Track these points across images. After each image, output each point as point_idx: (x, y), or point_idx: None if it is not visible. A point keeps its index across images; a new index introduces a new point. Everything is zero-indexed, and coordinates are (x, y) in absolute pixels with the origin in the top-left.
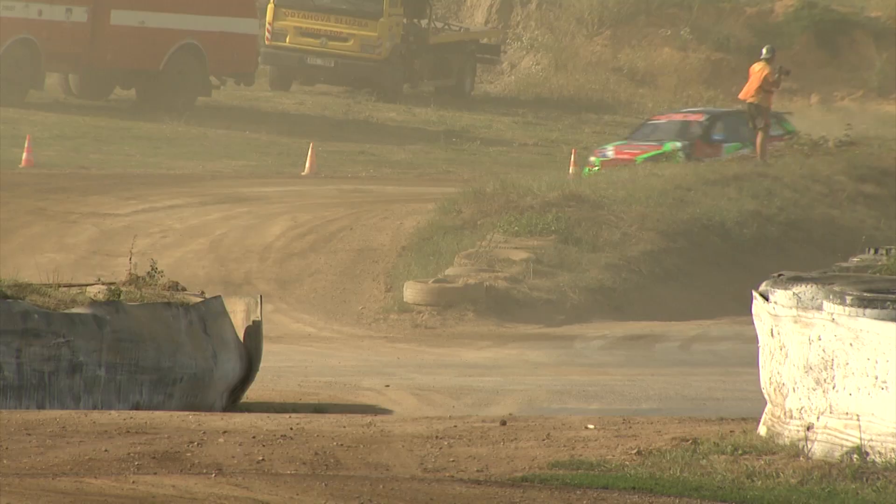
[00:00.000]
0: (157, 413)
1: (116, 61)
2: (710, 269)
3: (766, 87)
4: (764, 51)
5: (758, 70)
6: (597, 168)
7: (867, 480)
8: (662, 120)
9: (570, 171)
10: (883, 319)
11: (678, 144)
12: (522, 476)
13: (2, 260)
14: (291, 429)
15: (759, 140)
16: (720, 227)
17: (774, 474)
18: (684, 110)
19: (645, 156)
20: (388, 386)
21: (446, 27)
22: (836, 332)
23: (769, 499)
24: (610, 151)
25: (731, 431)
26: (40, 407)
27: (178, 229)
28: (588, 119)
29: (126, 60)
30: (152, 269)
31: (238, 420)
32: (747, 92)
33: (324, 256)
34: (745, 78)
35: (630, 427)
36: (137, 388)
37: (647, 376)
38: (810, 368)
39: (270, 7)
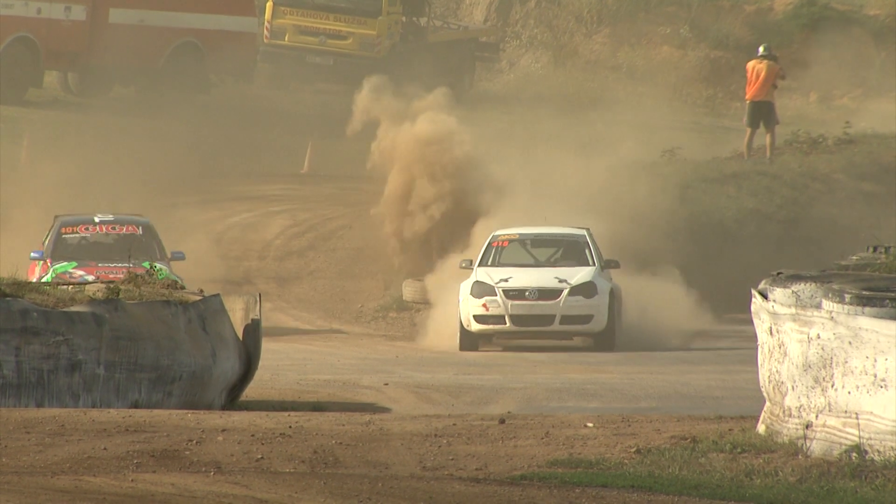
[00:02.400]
0: (156, 411)
1: (115, 59)
2: (709, 266)
3: (775, 85)
4: (761, 49)
5: (765, 68)
6: None
7: (866, 478)
8: (83, 233)
9: None
10: (882, 318)
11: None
12: (521, 474)
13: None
14: (290, 427)
15: (769, 139)
16: (719, 224)
17: (773, 472)
18: (98, 219)
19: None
20: (387, 384)
21: (445, 25)
22: (835, 331)
23: (768, 497)
24: None
25: (729, 430)
26: (39, 405)
27: (177, 227)
28: (587, 118)
29: (125, 59)
30: (151, 268)
31: (237, 418)
32: (760, 91)
33: (323, 255)
34: (744, 76)
35: (629, 425)
36: (136, 386)
37: (645, 374)
38: (809, 367)
39: (269, 5)
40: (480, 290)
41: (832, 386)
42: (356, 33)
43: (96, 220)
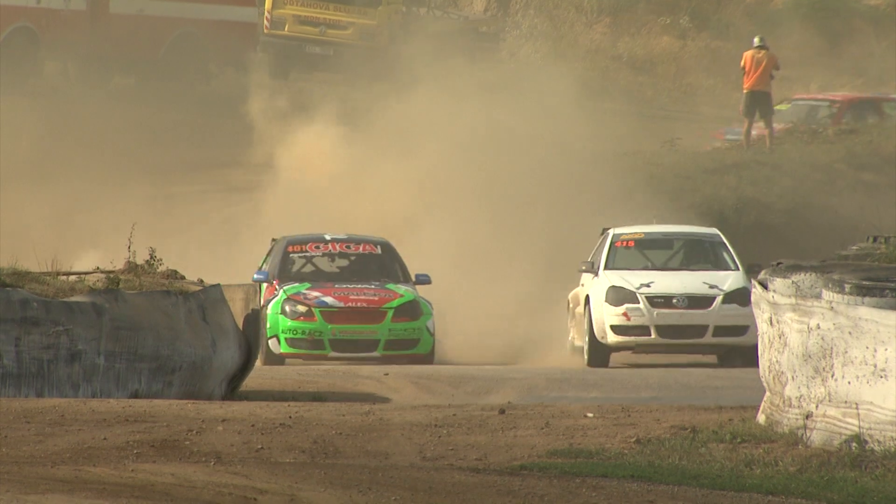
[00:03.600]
0: (156, 401)
1: (115, 49)
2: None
3: (772, 75)
4: (756, 40)
5: (765, 58)
6: None
7: (866, 468)
8: (312, 252)
9: None
10: (882, 308)
11: None
12: (521, 464)
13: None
14: (290, 417)
15: (767, 129)
16: (719, 214)
17: (773, 462)
18: (329, 238)
19: (395, 304)
20: (387, 374)
21: (445, 15)
22: (835, 321)
23: (768, 487)
24: None
25: (729, 420)
26: (39, 395)
27: (178, 217)
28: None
29: (125, 49)
30: (151, 258)
31: (237, 408)
32: (759, 81)
33: None
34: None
35: (629, 415)
36: (136, 376)
37: (645, 365)
38: (809, 357)
39: None
40: (618, 296)
41: (832, 376)
42: (356, 23)
43: (327, 237)
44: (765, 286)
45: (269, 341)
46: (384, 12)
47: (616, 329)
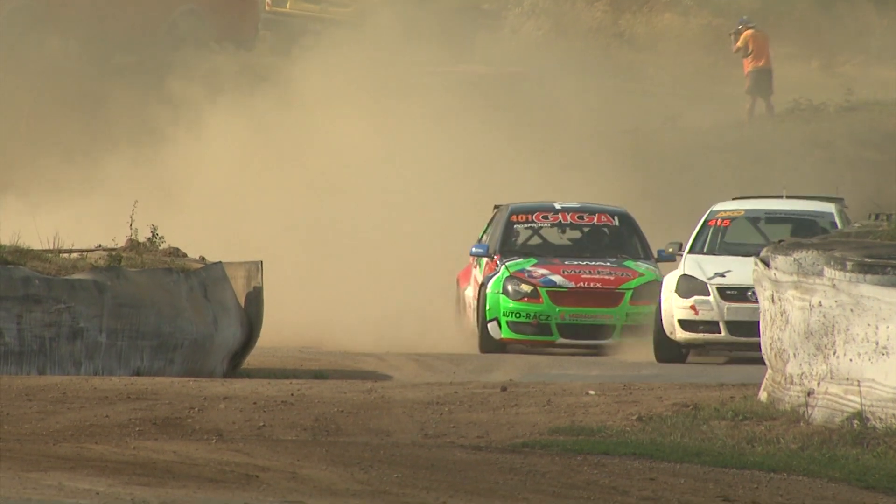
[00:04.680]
0: (158, 379)
1: (116, 27)
2: None
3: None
4: (746, 18)
5: (764, 36)
6: None
7: (867, 446)
8: (539, 223)
9: None
10: (883, 285)
11: None
12: (523, 442)
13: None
14: (292, 395)
15: (768, 106)
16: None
17: (775, 440)
18: (559, 206)
19: (634, 284)
20: (388, 352)
21: None
22: (837, 298)
23: (770, 464)
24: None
25: (731, 397)
26: (41, 373)
27: (180, 194)
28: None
29: (126, 26)
30: (153, 235)
31: (239, 386)
32: (766, 59)
33: None
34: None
35: (630, 393)
36: (138, 353)
37: (647, 343)
38: (811, 334)
39: None
40: (688, 286)
41: (834, 353)
42: (341, 14)
43: (557, 206)
44: (766, 263)
45: (489, 325)
46: (364, 4)
47: (684, 324)
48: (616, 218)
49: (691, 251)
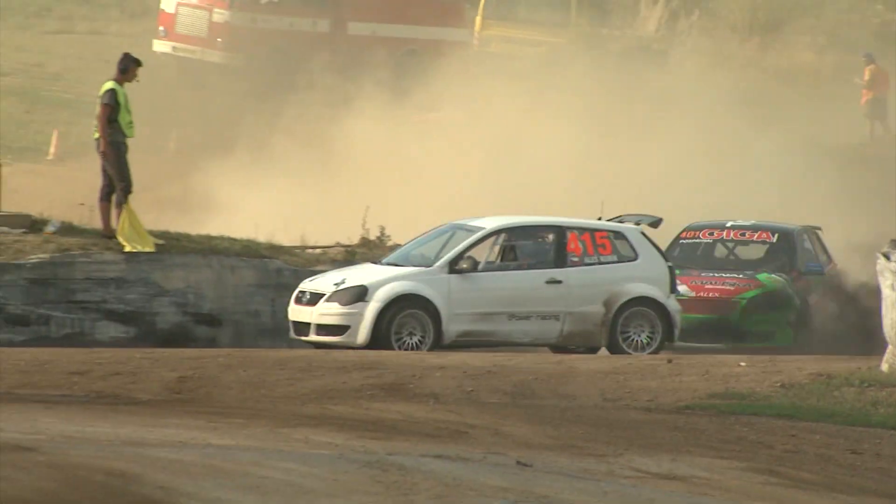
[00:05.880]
0: (385, 352)
1: (353, 66)
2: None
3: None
4: (868, 56)
5: (882, 71)
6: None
7: None
8: (705, 239)
9: None
10: None
11: (782, 277)
12: (685, 405)
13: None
14: (495, 365)
15: (885, 127)
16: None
17: (895, 403)
18: (730, 224)
19: (750, 294)
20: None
21: (622, 35)
22: None
23: (891, 423)
24: (682, 286)
25: (858, 368)
26: (290, 346)
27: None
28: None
29: (360, 65)
30: (381, 234)
31: (451, 358)
32: (884, 89)
33: None
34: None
35: (775, 365)
36: None
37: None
38: None
39: (478, 19)
40: None
41: None
42: (549, 42)
43: (728, 224)
44: (888, 257)
45: None
46: (571, 32)
47: None
48: (776, 235)
49: None
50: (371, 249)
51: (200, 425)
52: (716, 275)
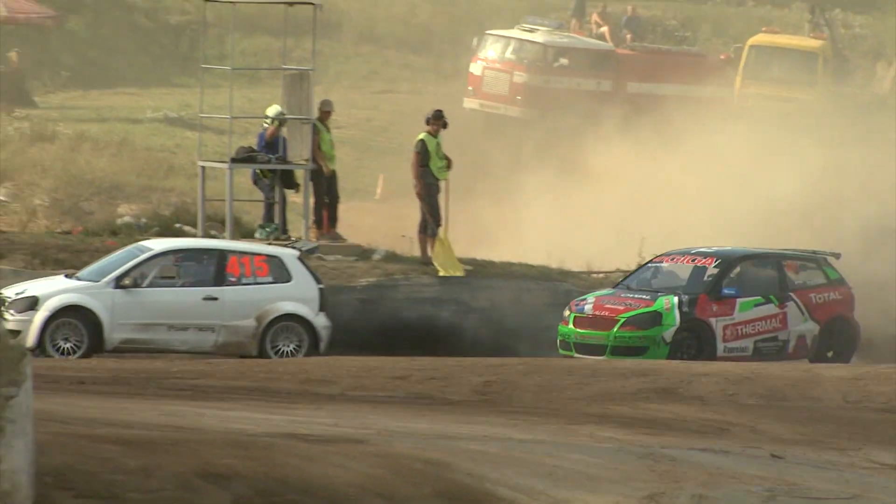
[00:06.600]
0: (659, 362)
1: (630, 118)
2: None
3: None
4: None
5: None
6: (570, 328)
7: None
8: (665, 263)
9: None
10: None
11: (674, 300)
12: None
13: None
14: (752, 372)
15: None
16: None
17: None
18: (694, 251)
19: (629, 314)
20: None
21: (861, 94)
22: None
23: None
24: (589, 305)
25: None
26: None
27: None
28: None
29: (637, 118)
30: (646, 260)
31: (713, 367)
32: None
33: None
34: None
35: None
36: None
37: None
38: None
39: (738, 79)
40: None
41: None
42: (798, 98)
43: (692, 251)
44: None
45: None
46: (819, 90)
47: None
48: (718, 261)
49: None
50: None
51: (502, 422)
52: (632, 296)
